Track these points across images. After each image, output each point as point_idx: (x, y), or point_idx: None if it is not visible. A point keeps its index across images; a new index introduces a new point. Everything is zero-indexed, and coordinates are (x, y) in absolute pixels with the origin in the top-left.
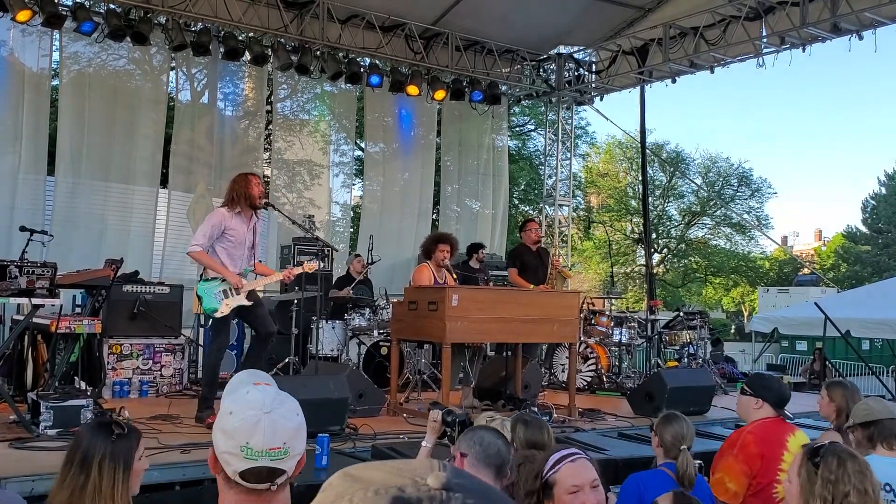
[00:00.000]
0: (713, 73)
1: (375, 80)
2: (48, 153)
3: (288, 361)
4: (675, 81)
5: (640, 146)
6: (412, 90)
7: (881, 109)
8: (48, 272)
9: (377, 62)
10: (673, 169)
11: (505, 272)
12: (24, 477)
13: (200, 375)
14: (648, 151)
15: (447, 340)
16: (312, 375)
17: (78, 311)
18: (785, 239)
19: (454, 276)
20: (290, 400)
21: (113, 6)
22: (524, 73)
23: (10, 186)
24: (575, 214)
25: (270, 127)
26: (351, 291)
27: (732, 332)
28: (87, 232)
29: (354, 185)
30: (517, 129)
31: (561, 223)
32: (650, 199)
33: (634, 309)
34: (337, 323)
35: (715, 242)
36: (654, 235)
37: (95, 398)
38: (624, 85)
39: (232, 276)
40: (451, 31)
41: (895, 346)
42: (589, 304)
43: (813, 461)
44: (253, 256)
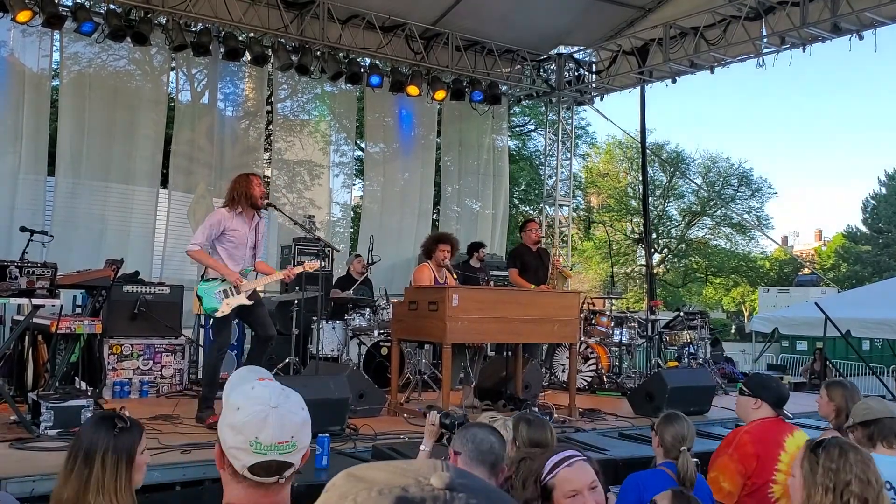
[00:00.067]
0: (713, 73)
1: (376, 80)
2: (48, 153)
3: (288, 362)
4: (675, 81)
5: (640, 146)
6: (412, 90)
7: (881, 109)
8: (48, 272)
9: (377, 62)
10: (673, 169)
11: (505, 272)
12: (24, 477)
13: (200, 376)
14: (648, 151)
15: (447, 340)
16: (313, 375)
17: (78, 311)
18: (785, 239)
19: (454, 276)
20: (294, 394)
21: (113, 6)
22: (524, 73)
23: (10, 187)
24: (575, 214)
25: (271, 127)
26: (351, 293)
27: (733, 332)
28: (87, 232)
29: (355, 185)
30: (517, 129)
31: (561, 223)
32: (650, 199)
33: (635, 309)
34: (337, 323)
35: (715, 242)
36: (654, 235)
37: (96, 398)
38: (624, 85)
39: (231, 273)
40: (451, 31)
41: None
42: (589, 304)
43: (815, 452)
44: (255, 256)
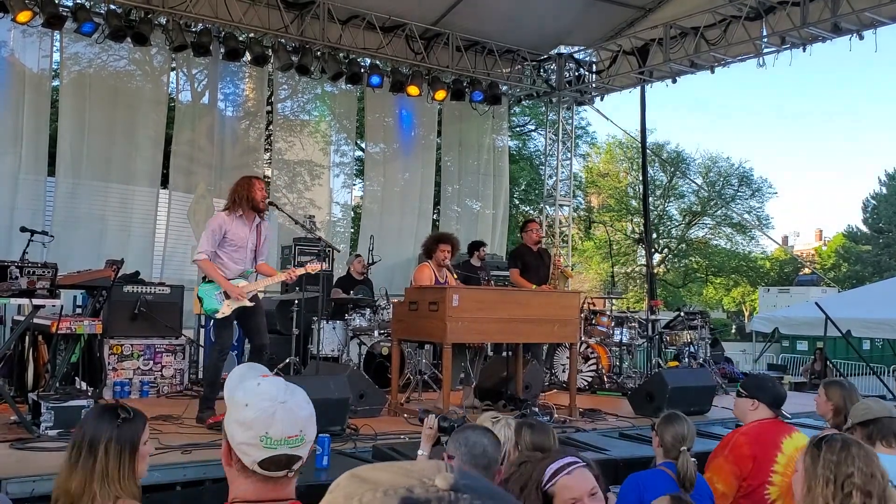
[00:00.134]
0: (713, 72)
1: (376, 80)
2: (48, 154)
3: (289, 362)
4: (675, 81)
5: (640, 146)
6: (413, 90)
7: (882, 109)
8: (49, 273)
9: (378, 62)
10: (673, 169)
11: (505, 272)
12: (24, 477)
13: (201, 376)
14: (649, 151)
15: (448, 341)
16: (313, 376)
17: (79, 311)
18: (785, 239)
19: (455, 276)
20: (299, 390)
21: (113, 7)
22: (524, 73)
23: (10, 187)
24: (575, 214)
25: (271, 127)
26: (352, 293)
27: (733, 332)
28: (87, 232)
29: (355, 185)
30: (517, 129)
31: (561, 223)
32: (650, 199)
33: (635, 309)
34: (337, 323)
35: (715, 242)
36: (654, 235)
37: (96, 399)
38: (624, 85)
39: (232, 288)
40: (451, 31)
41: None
42: (590, 304)
43: (817, 446)
44: (256, 258)
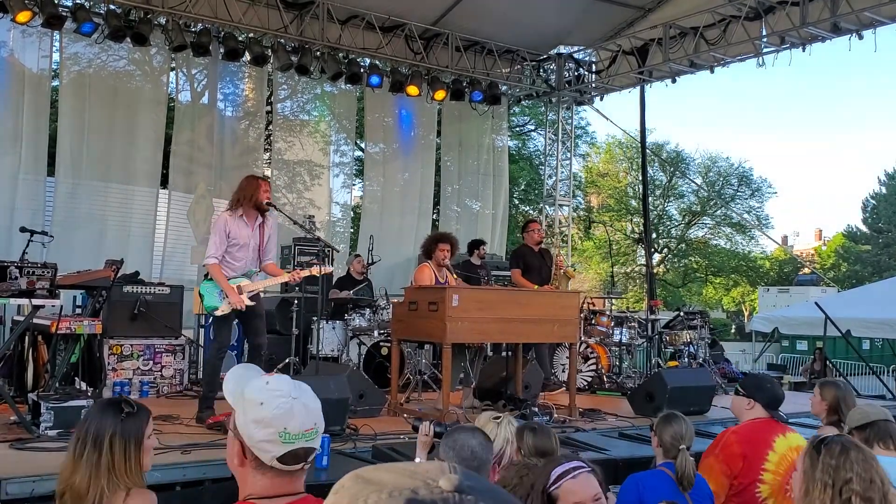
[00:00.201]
0: (713, 72)
1: (375, 80)
2: (48, 154)
3: (288, 361)
4: (675, 81)
5: (640, 146)
6: (412, 90)
7: (881, 109)
8: (48, 273)
9: (377, 62)
10: (673, 169)
11: (505, 272)
12: (24, 478)
13: (200, 376)
14: (648, 151)
15: (448, 341)
16: (313, 375)
17: (78, 311)
18: (785, 238)
19: (455, 275)
20: (305, 385)
21: (113, 7)
22: (524, 73)
23: (10, 187)
24: (575, 214)
25: (270, 127)
26: (351, 295)
27: (733, 331)
28: (87, 233)
29: (354, 185)
30: (517, 129)
31: (561, 223)
32: (650, 198)
33: (635, 309)
34: (337, 323)
35: (715, 242)
36: (654, 235)
37: (96, 399)
38: (624, 85)
39: (234, 296)
40: (451, 31)
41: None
42: (589, 303)
43: (817, 449)
44: (260, 258)
